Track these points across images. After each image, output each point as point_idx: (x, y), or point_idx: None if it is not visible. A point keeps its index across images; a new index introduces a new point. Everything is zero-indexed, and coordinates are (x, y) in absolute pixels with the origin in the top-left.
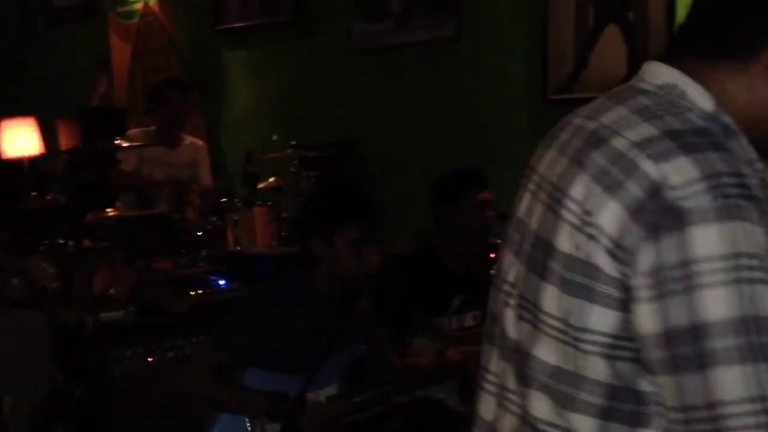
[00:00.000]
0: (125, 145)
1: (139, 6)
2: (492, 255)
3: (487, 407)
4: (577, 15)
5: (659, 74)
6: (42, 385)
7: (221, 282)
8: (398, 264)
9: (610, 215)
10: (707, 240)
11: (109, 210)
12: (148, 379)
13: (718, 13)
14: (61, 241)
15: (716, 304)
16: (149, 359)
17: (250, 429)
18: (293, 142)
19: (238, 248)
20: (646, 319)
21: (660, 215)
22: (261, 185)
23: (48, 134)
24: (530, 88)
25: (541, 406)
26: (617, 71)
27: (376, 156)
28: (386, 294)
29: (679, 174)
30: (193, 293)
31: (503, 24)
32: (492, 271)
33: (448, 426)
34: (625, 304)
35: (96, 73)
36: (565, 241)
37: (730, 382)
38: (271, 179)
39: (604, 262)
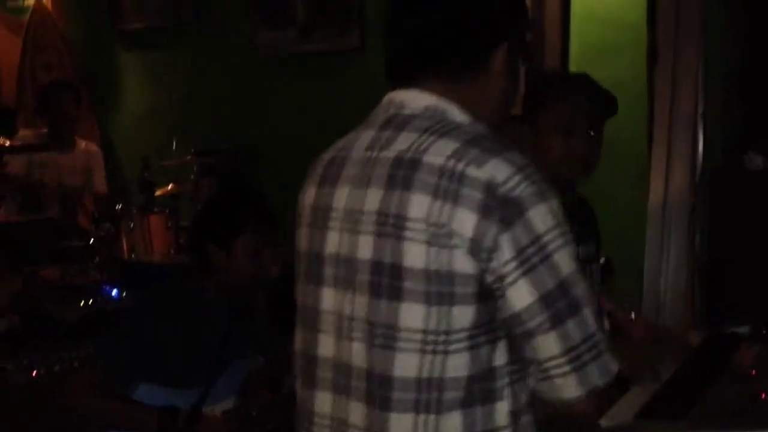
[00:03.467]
0: (8, 144)
1: (30, 2)
2: None
3: None
4: None
5: (418, 100)
6: None
7: (113, 292)
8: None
9: (462, 220)
10: (542, 217)
11: None
12: (32, 394)
13: (447, 37)
14: None
15: (565, 261)
16: (33, 373)
17: None
18: (193, 149)
19: (133, 256)
20: (521, 294)
21: (503, 208)
22: (159, 192)
23: None
24: None
25: (404, 425)
26: None
27: (278, 164)
28: (281, 299)
29: (500, 172)
30: (82, 303)
31: None
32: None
33: None
34: (481, 296)
35: None
36: (417, 259)
37: (590, 315)
38: (170, 186)
39: (462, 264)
